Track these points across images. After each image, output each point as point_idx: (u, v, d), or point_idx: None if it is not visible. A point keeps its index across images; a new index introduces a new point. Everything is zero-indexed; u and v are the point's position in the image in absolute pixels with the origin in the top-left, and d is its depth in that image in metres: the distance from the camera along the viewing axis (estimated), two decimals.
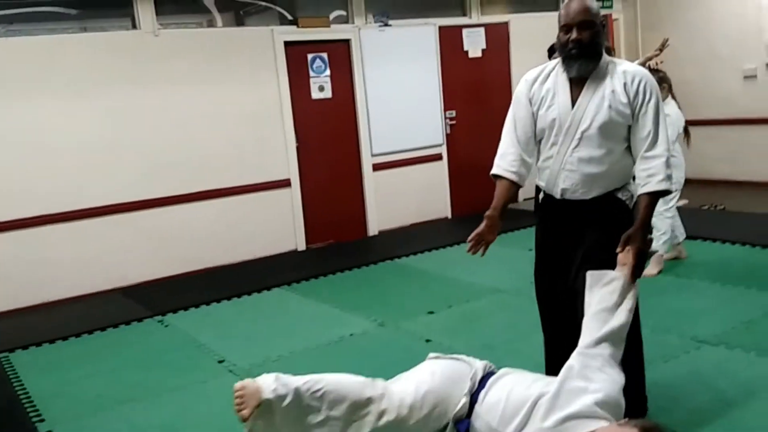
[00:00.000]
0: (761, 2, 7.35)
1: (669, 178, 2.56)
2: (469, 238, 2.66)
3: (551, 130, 2.69)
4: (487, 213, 2.67)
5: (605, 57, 2.65)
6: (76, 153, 5.64)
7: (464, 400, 2.21)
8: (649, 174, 2.55)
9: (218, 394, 3.58)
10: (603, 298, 2.32)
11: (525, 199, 7.90)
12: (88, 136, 5.68)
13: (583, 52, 2.58)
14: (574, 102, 2.64)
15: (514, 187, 2.76)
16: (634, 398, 2.63)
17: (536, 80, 2.76)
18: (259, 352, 4.11)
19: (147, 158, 5.91)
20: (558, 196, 2.73)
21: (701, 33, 6.48)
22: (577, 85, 2.65)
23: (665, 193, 2.61)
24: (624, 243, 2.49)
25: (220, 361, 4.06)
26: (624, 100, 2.58)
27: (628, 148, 2.66)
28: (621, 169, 2.68)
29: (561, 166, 2.68)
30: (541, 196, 2.84)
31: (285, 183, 6.58)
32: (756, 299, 4.19)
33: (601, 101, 2.59)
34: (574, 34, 2.57)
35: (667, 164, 2.56)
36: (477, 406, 2.20)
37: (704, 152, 4.79)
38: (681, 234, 4.92)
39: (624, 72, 2.62)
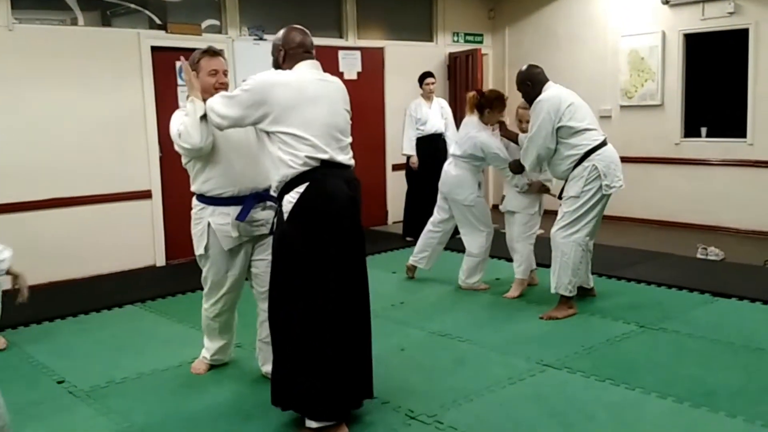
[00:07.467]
0: (617, 48, 7.92)
1: None
2: None
3: None
4: None
5: None
6: None
7: None
8: None
9: (55, 417, 3.34)
10: None
11: (394, 222, 8.06)
12: None
13: None
14: None
15: None
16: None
17: None
18: (103, 372, 3.85)
19: None
20: None
21: (564, 74, 6.90)
22: None
23: None
24: None
25: (60, 382, 3.77)
26: None
27: None
28: None
29: None
30: None
31: (146, 194, 6.30)
32: (597, 326, 4.43)
33: None
34: None
35: None
36: None
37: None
38: (533, 261, 5.17)
39: None
